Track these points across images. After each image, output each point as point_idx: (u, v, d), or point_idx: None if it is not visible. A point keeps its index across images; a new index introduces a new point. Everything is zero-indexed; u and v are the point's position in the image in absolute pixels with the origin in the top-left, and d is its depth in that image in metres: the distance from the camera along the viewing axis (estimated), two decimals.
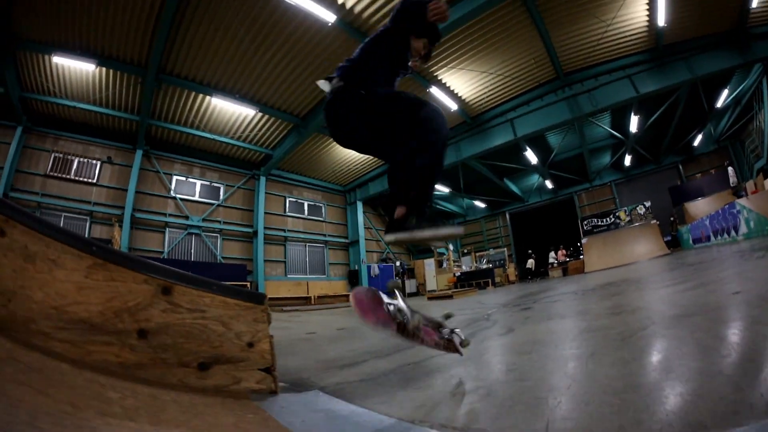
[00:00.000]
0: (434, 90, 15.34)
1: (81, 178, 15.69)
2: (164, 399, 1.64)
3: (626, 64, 16.01)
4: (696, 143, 25.22)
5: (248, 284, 17.90)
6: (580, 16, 13.55)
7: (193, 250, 18.14)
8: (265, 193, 20.75)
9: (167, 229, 17.48)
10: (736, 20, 14.57)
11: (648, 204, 21.82)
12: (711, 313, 2.90)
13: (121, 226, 15.49)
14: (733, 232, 12.64)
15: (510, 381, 2.25)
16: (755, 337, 2.09)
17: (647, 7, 13.35)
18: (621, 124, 21.45)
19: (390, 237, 2.27)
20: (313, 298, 19.50)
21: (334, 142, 15.70)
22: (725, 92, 19.43)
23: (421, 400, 2.10)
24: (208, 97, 14.96)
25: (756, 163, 20.69)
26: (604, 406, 1.59)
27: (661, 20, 13.41)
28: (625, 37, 14.78)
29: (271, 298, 17.20)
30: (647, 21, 14.02)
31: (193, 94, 14.92)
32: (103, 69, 13.15)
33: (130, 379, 1.68)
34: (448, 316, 2.67)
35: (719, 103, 20.20)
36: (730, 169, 18.48)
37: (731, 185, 18.32)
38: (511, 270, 27.64)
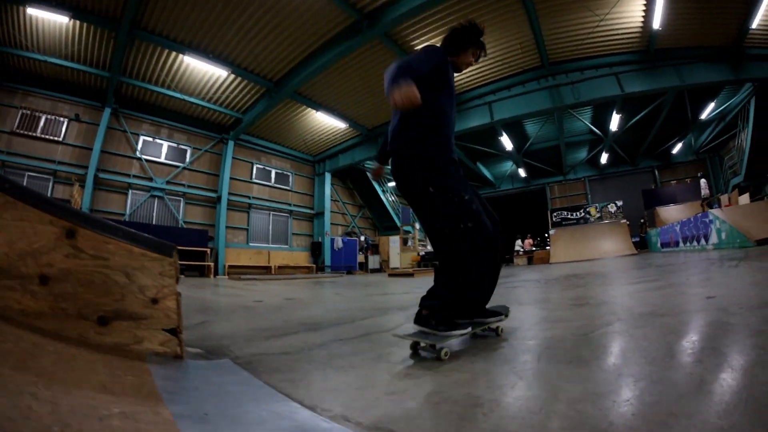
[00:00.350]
0: None
1: (47, 136, 14.81)
2: (46, 349, 1.53)
3: (614, 62, 15.76)
4: (675, 151, 25.62)
5: (209, 250, 17.32)
6: (574, 7, 13.16)
7: (155, 214, 17.40)
8: (233, 158, 19.96)
9: (130, 190, 16.68)
10: (733, 37, 14.53)
11: (620, 203, 22.07)
12: (683, 315, 2.66)
13: (82, 186, 14.74)
14: (703, 241, 12.72)
15: (443, 373, 1.89)
16: (738, 347, 1.80)
17: (644, 7, 13.08)
18: (602, 121, 21.45)
19: (415, 327, 2.39)
20: (273, 267, 19.40)
21: (307, 110, 15.43)
22: (711, 105, 19.64)
23: (335, 383, 1.83)
24: (181, 56, 14.10)
25: (733, 179, 21.27)
26: (554, 418, 1.25)
27: (657, 23, 13.14)
28: (617, 34, 14.47)
29: (231, 266, 17.12)
30: (642, 22, 13.77)
31: (166, 51, 14.09)
32: (77, 22, 12.31)
33: (25, 327, 1.60)
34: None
35: (704, 115, 20.43)
36: (702, 180, 18.63)
37: (702, 197, 18.48)
38: None
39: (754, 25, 13.46)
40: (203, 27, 12.95)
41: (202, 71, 15.20)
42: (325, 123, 19.75)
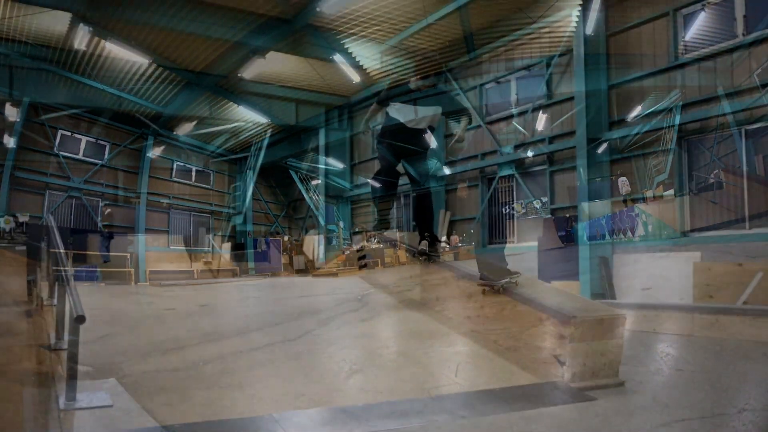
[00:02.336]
0: (338, 58, 14.51)
1: None
2: None
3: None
4: (600, 150, 26.60)
5: (129, 255, 16.36)
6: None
7: (73, 217, 16.44)
8: (153, 154, 19.01)
9: (47, 191, 15.67)
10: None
11: (545, 199, 22.66)
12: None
13: None
14: (629, 233, 13.13)
15: (341, 391, 1.69)
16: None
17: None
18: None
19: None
20: (196, 271, 18.75)
21: (229, 103, 15.37)
22: (638, 108, 20.49)
23: (218, 406, 1.66)
24: (102, 41, 13.18)
25: (657, 176, 22.42)
26: None
27: (589, 29, 14.57)
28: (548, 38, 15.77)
29: (152, 272, 16.33)
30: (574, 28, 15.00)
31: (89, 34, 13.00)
32: None
33: None
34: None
35: (629, 117, 21.28)
36: (621, 180, 19.39)
37: (621, 194, 19.29)
38: (402, 251, 27.71)
39: (687, 37, 14.74)
40: (127, 9, 12.12)
41: (124, 60, 14.34)
42: (247, 118, 19.27)
